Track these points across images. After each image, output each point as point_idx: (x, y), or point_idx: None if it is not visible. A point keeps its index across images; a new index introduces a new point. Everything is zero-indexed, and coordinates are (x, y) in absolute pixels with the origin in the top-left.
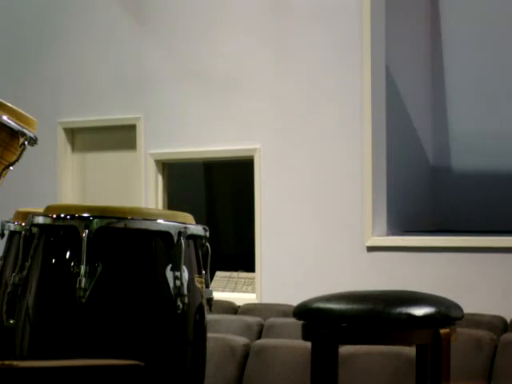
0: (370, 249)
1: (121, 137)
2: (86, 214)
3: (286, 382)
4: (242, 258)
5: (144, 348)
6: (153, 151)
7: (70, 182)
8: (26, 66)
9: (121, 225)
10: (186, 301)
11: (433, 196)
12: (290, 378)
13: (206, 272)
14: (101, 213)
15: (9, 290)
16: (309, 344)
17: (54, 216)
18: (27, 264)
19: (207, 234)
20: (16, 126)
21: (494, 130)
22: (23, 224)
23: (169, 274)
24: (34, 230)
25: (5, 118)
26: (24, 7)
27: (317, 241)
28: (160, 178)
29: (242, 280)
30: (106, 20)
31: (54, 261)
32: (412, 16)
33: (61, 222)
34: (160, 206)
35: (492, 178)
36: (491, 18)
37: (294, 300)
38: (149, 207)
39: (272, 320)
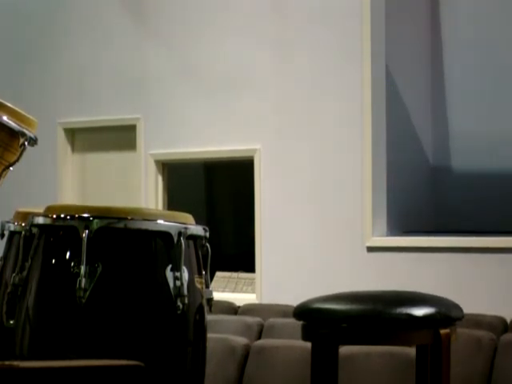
0: (370, 249)
1: (121, 137)
2: (86, 215)
3: (286, 383)
4: (242, 258)
5: (144, 348)
6: (153, 151)
7: (70, 182)
8: (26, 65)
9: (121, 225)
10: (186, 301)
11: (433, 196)
12: (290, 378)
13: (206, 272)
14: (101, 213)
15: (9, 290)
16: (309, 344)
17: (54, 216)
18: (27, 264)
19: (207, 234)
20: (16, 126)
21: (494, 130)
22: (23, 224)
23: (169, 275)
24: (34, 230)
25: (5, 118)
26: (24, 7)
27: (317, 241)
28: (160, 178)
29: (242, 280)
30: (106, 20)
31: (54, 261)
32: (412, 16)
33: (61, 223)
34: (160, 206)
35: (492, 178)
36: (491, 18)
37: (294, 300)
38: (149, 207)
39: (272, 320)
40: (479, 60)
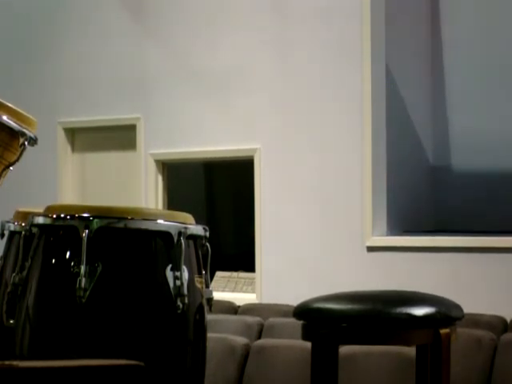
0: (370, 249)
1: (121, 137)
2: (86, 214)
3: (286, 382)
4: (242, 258)
5: (144, 348)
6: (153, 151)
7: (70, 182)
8: (25, 66)
9: (121, 225)
10: (186, 301)
11: (433, 196)
12: (290, 378)
13: (205, 272)
14: (101, 213)
15: (9, 289)
16: (309, 344)
17: (54, 216)
18: (27, 264)
19: (207, 234)
20: (16, 126)
21: (494, 130)
22: (23, 224)
23: (169, 274)
24: (34, 230)
25: (5, 118)
26: (24, 7)
27: (317, 241)
28: (160, 178)
29: (242, 280)
30: (105, 20)
31: (54, 261)
32: (412, 16)
33: (61, 222)
34: (160, 206)
35: (492, 178)
36: (491, 17)
37: (294, 300)
38: (149, 207)
39: (272, 320)
40: (479, 60)
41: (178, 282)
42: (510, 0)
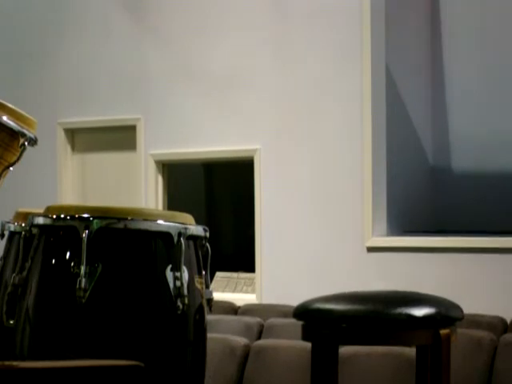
0: (370, 249)
1: (121, 137)
2: (86, 215)
3: (285, 383)
4: (242, 258)
5: (144, 348)
6: (153, 152)
7: (70, 182)
8: (26, 65)
9: (121, 225)
10: (186, 301)
11: (433, 196)
12: (289, 378)
13: (206, 272)
14: (101, 213)
15: (9, 290)
16: (309, 344)
17: (54, 216)
18: (27, 264)
19: (207, 234)
20: (16, 126)
21: (494, 130)
22: (23, 224)
23: (169, 275)
24: (34, 230)
25: (5, 118)
26: (23, 7)
27: (317, 241)
28: (160, 178)
29: (242, 280)
30: (105, 20)
31: (54, 261)
32: (412, 16)
33: (61, 223)
34: (160, 206)
35: (492, 178)
36: (491, 17)
37: (294, 300)
38: (149, 207)
39: (272, 320)
40: (479, 60)
41: (178, 283)
42: (510, 0)
